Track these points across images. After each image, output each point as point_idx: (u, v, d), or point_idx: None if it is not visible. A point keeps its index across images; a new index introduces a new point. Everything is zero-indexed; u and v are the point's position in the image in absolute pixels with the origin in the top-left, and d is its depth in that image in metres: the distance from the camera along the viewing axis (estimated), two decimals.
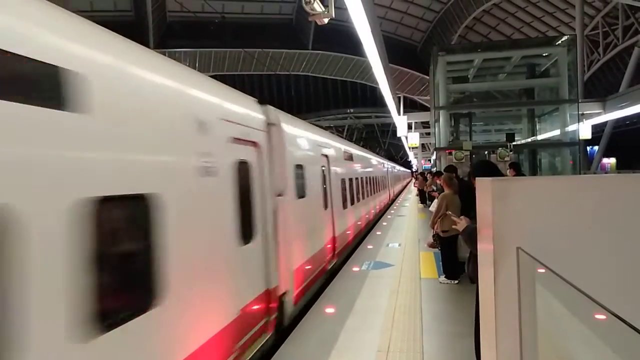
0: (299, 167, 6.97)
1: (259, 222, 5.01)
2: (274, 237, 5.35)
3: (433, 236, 7.89)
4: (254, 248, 4.80)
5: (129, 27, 31.53)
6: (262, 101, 5.79)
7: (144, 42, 3.50)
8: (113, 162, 2.68)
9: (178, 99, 3.63)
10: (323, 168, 8.88)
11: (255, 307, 4.73)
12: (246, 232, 4.57)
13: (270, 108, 5.88)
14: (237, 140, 4.54)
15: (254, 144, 5.05)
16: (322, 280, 7.91)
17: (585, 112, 22.98)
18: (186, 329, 3.36)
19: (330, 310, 6.22)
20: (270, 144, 5.58)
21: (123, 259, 2.86)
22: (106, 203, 2.53)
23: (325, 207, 8.75)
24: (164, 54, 3.90)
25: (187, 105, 3.73)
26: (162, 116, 3.31)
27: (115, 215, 2.80)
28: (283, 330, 5.52)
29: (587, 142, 26.76)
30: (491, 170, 4.13)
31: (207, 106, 4.13)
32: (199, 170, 3.66)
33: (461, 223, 3.81)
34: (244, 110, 5.07)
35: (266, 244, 5.16)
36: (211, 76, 4.99)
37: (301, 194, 6.99)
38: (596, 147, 34.17)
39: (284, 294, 5.53)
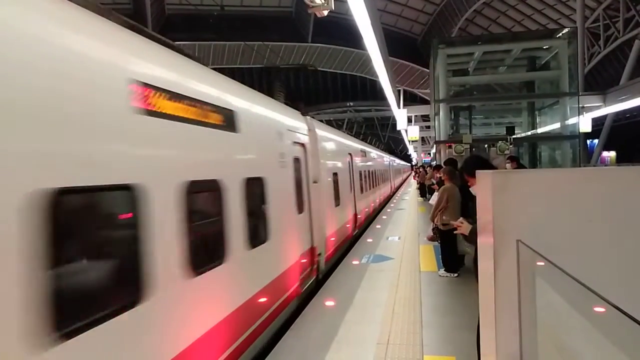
0: (328, 161, 9.30)
1: (305, 200, 7.13)
2: (310, 212, 7.38)
3: (433, 229, 7.89)
4: (303, 217, 6.95)
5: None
6: (303, 112, 8.15)
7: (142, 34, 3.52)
8: (251, 159, 5.07)
9: (271, 119, 6.00)
10: (346, 161, 11.64)
11: (306, 256, 6.99)
12: (300, 206, 6.76)
13: (309, 118, 8.25)
14: (295, 143, 6.73)
15: (302, 145, 7.18)
16: (347, 245, 10.59)
17: (585, 105, 22.93)
18: (284, 255, 5.84)
19: (330, 303, 6.24)
20: (309, 145, 7.70)
21: (264, 212, 5.22)
22: (250, 180, 4.70)
23: (350, 190, 11.69)
24: None
25: (275, 123, 6.09)
26: (266, 131, 5.67)
27: (253, 188, 4.83)
28: (318, 282, 7.54)
29: (587, 135, 26.71)
30: (483, 166, 4.07)
31: (282, 121, 6.35)
32: (280, 164, 5.86)
33: (463, 226, 3.75)
34: (297, 121, 7.27)
35: (308, 215, 7.25)
36: (211, 69, 5.00)
37: (330, 180, 9.35)
38: (596, 140, 34.13)
39: (319, 254, 7.70)
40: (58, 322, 2.10)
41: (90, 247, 2.50)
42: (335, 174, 9.70)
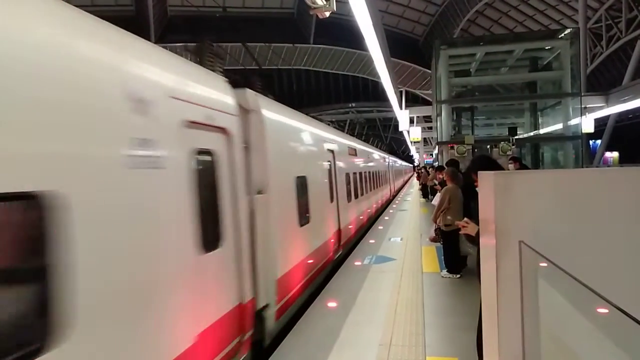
0: (289, 160, 7.06)
1: (229, 224, 4.40)
2: (240, 243, 5.09)
3: (435, 230, 7.88)
4: (216, 257, 4.14)
5: (130, 21, 31.48)
6: (241, 84, 5.77)
7: (144, 36, 3.46)
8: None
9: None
10: (325, 162, 9.22)
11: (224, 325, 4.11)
12: (210, 238, 4.04)
13: (250, 92, 5.64)
14: (197, 125, 3.82)
15: (221, 131, 4.37)
16: (327, 271, 8.79)
17: (588, 106, 22.90)
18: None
19: (332, 304, 6.23)
20: (247, 133, 5.17)
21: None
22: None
23: (331, 200, 9.33)
24: (165, 48, 3.86)
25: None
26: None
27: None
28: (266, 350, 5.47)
29: (590, 136, 26.67)
30: (491, 165, 4.07)
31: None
32: (129, 161, 3.13)
33: (469, 227, 3.66)
34: (209, 90, 4.45)
35: (234, 250, 4.55)
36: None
37: (293, 188, 6.93)
38: (599, 141, 34.03)
39: (263, 307, 5.19)
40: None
41: None
42: (302, 179, 7.04)
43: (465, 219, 3.81)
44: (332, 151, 9.60)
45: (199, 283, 3.56)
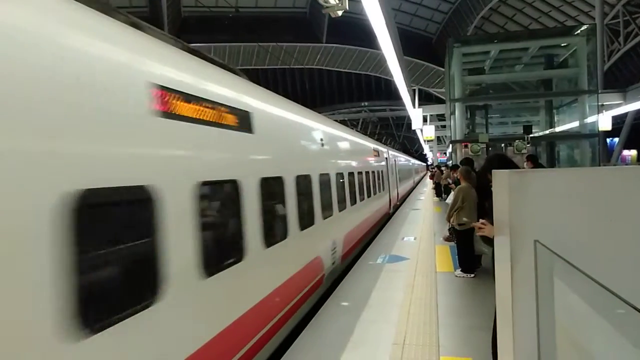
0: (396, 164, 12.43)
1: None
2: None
3: (449, 229, 7.83)
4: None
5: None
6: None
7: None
8: (267, 157, 5.01)
9: (383, 151, 16.55)
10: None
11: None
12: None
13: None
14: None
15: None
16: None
17: (605, 103, 22.53)
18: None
19: (346, 303, 6.24)
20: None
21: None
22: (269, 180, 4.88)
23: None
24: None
25: (384, 152, 16.94)
26: (382, 156, 15.31)
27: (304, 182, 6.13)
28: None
29: (607, 134, 26.24)
30: (507, 164, 4.02)
31: (383, 151, 15.16)
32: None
33: (487, 228, 3.45)
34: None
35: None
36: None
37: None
38: (616, 139, 33.46)
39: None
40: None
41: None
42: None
43: (483, 220, 3.71)
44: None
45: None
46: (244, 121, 4.27)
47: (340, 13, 6.17)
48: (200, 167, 3.44)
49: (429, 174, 46.12)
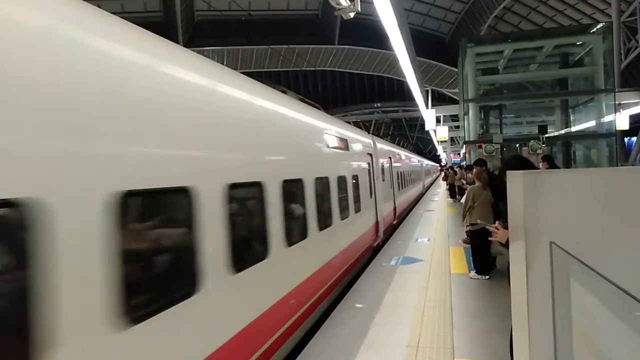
0: (385, 164, 12.82)
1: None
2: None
3: (467, 232, 7.78)
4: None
5: (159, 27, 32.16)
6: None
7: (173, 41, 3.63)
8: (354, 163, 8.80)
9: (359, 143, 9.65)
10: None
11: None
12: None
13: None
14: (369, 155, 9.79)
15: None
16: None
17: (622, 102, 22.15)
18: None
19: (359, 305, 6.22)
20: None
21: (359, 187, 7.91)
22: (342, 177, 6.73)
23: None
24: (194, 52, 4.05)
25: (361, 146, 9.85)
26: (358, 151, 9.44)
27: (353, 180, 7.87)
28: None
29: (625, 133, 25.77)
30: (525, 166, 3.94)
31: (362, 143, 9.96)
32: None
33: (500, 233, 3.39)
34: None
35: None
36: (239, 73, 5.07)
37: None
38: (634, 138, 32.84)
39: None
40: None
41: None
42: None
43: (497, 223, 3.62)
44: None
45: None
46: None
47: (352, 15, 6.18)
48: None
49: (442, 175, 45.79)
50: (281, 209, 4.81)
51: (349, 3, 5.96)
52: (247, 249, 4.16)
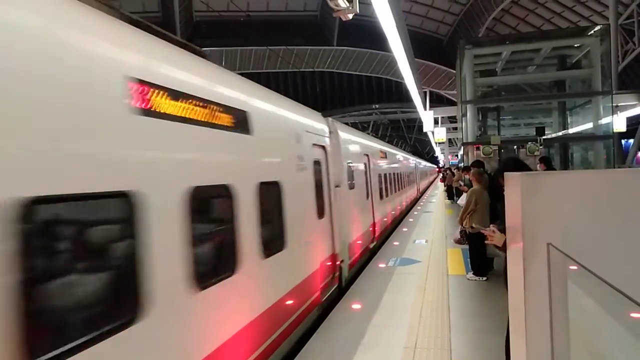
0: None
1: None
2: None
3: (460, 232, 7.78)
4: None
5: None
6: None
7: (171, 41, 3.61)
8: (265, 160, 4.86)
9: (293, 126, 5.92)
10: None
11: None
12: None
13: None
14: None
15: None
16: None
17: (619, 104, 22.19)
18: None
19: (357, 306, 6.22)
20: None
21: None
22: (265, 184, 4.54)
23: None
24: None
25: (300, 132, 6.07)
26: (287, 140, 5.64)
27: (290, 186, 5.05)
28: None
29: (622, 135, 25.80)
30: (521, 168, 3.95)
31: (302, 128, 6.21)
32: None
33: (496, 237, 3.43)
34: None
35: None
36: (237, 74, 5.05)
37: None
38: (631, 140, 32.91)
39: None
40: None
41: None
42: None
43: (492, 227, 3.64)
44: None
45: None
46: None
47: (350, 16, 6.17)
48: None
49: (439, 176, 45.83)
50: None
51: (348, 4, 5.95)
52: None
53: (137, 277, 2.68)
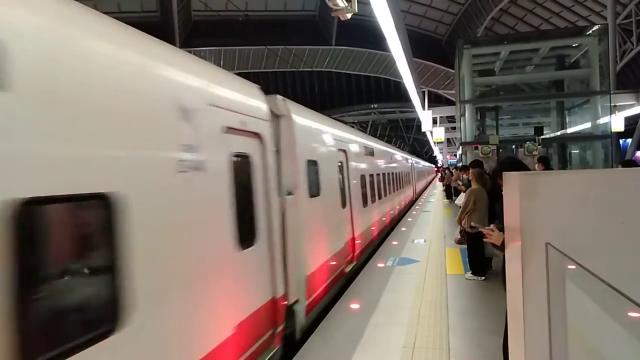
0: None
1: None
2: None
3: (460, 232, 7.78)
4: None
5: (156, 27, 32.06)
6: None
7: (169, 41, 3.53)
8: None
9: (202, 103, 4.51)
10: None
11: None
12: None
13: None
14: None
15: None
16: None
17: (617, 104, 22.24)
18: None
19: (355, 306, 6.22)
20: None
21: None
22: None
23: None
24: (190, 53, 4.00)
25: (217, 113, 5.16)
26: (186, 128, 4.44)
27: None
28: None
29: (620, 135, 25.86)
30: (519, 168, 3.96)
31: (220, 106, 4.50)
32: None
33: (494, 235, 3.45)
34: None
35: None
36: (236, 74, 5.00)
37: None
38: (629, 140, 32.98)
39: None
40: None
41: None
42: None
43: (491, 226, 3.66)
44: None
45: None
46: None
47: (349, 16, 6.16)
48: None
49: (438, 176, 45.85)
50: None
51: (346, 4, 5.95)
52: None
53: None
